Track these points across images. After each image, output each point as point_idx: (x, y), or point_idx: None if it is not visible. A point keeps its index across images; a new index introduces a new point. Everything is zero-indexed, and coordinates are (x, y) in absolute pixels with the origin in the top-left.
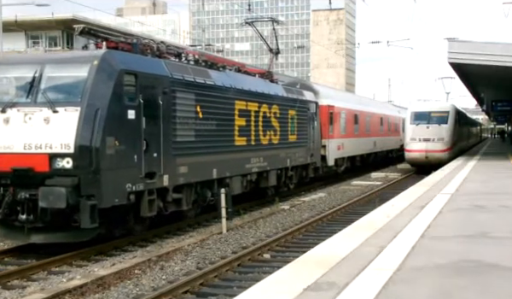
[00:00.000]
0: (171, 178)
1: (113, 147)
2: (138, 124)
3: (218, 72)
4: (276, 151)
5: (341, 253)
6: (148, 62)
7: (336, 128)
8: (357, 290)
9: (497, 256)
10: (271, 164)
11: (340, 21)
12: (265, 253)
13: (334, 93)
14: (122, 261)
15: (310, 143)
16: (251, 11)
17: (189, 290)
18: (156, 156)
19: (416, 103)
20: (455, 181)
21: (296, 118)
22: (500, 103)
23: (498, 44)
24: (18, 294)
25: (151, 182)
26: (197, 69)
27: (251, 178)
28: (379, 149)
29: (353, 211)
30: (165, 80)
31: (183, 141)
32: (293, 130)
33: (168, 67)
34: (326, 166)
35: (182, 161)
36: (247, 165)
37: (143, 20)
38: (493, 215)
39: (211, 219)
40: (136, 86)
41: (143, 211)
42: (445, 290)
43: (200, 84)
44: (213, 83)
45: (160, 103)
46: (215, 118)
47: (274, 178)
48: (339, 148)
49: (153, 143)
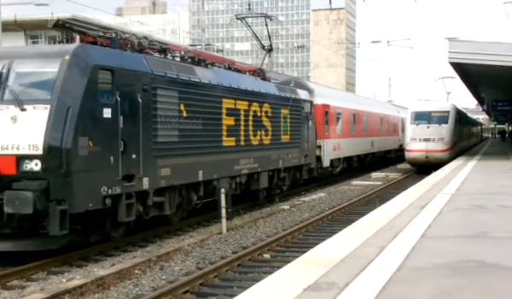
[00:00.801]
0: (151, 180)
1: (86, 148)
2: (115, 123)
3: (205, 69)
4: (267, 152)
5: (341, 253)
6: (126, 58)
7: (332, 128)
8: (357, 291)
9: (497, 256)
10: (262, 165)
11: (341, 21)
12: (265, 253)
13: (330, 92)
14: (122, 261)
15: (304, 143)
16: (251, 11)
17: (189, 290)
18: (135, 158)
19: (417, 103)
20: (455, 181)
21: (289, 117)
22: (500, 103)
23: (499, 44)
24: (18, 294)
25: (129, 185)
26: (181, 66)
27: (240, 180)
28: (377, 149)
29: (353, 211)
30: (145, 77)
31: (166, 141)
32: (286, 130)
33: (149, 63)
34: (321, 167)
35: (164, 163)
36: (235, 166)
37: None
38: (493, 215)
39: (211, 219)
40: (113, 83)
41: (121, 216)
42: (445, 290)
43: (184, 81)
44: (199, 80)
45: (140, 101)
46: (201, 117)
47: (265, 179)
48: (335, 148)
49: (131, 144)
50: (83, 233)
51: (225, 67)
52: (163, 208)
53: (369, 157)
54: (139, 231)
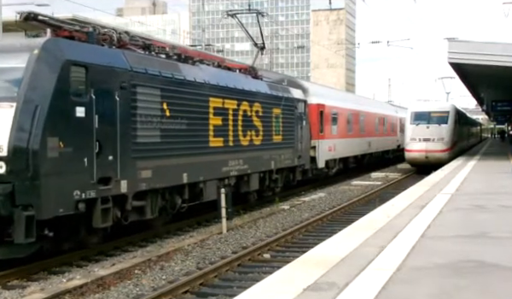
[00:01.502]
0: (130, 183)
1: (56, 149)
2: (89, 123)
3: (190, 66)
4: (258, 153)
5: (341, 253)
6: (102, 53)
7: (327, 128)
8: (357, 291)
9: (497, 256)
10: (253, 167)
11: (340, 21)
12: (265, 253)
13: (326, 91)
14: (122, 261)
15: (297, 143)
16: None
17: (189, 290)
18: (112, 159)
19: (416, 103)
20: (455, 181)
21: (281, 117)
22: (500, 103)
23: (498, 44)
24: (18, 294)
25: (105, 188)
26: (164, 62)
27: (229, 182)
28: (374, 149)
29: (353, 211)
30: (123, 73)
31: (146, 142)
32: (278, 130)
33: (128, 59)
34: (316, 168)
35: (144, 165)
36: (224, 168)
37: (143, 20)
38: (493, 215)
39: (211, 219)
40: (87, 80)
41: (96, 222)
42: (445, 290)
43: (167, 78)
44: (183, 77)
45: (117, 99)
46: (185, 116)
47: (256, 181)
48: (330, 149)
49: (107, 145)
50: (55, 240)
51: (214, 64)
52: (144, 213)
53: (367, 158)
54: (139, 231)
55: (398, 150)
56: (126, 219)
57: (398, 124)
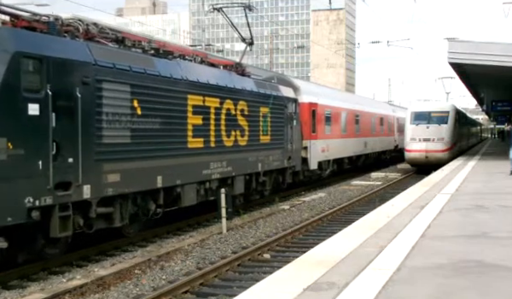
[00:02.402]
0: (94, 188)
1: (3, 151)
2: (44, 121)
3: (167, 61)
4: (243, 154)
5: (341, 253)
6: (61, 45)
7: (320, 128)
8: (357, 290)
9: (497, 256)
10: (237, 169)
11: (340, 21)
12: (265, 253)
13: (319, 90)
14: (122, 261)
15: (287, 144)
16: (253, 11)
17: (189, 290)
18: (72, 162)
19: (416, 103)
20: (455, 181)
21: (270, 116)
22: (500, 103)
23: (498, 44)
24: (18, 294)
25: (64, 194)
26: (135, 56)
27: (210, 185)
28: (370, 150)
29: (353, 211)
30: (85, 68)
31: (113, 143)
32: (266, 130)
33: (92, 52)
34: (308, 169)
35: (111, 168)
36: (204, 171)
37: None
38: (493, 215)
39: (211, 219)
40: (42, 74)
41: (53, 231)
42: (445, 290)
43: (138, 73)
44: (158, 73)
45: (79, 96)
46: (160, 115)
47: (241, 184)
48: (323, 150)
49: (67, 146)
50: (9, 252)
51: (196, 60)
52: (112, 220)
53: (363, 159)
54: (139, 231)
55: (395, 151)
56: (90, 227)
57: (395, 124)
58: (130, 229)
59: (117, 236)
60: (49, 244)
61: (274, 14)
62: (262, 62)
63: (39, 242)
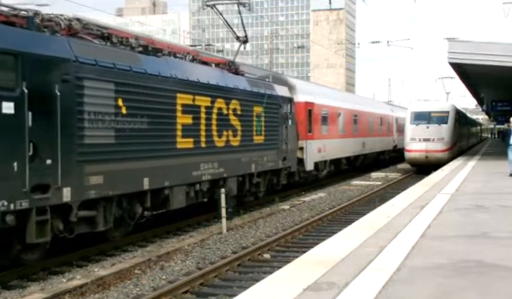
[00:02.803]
0: (75, 191)
1: None
2: (20, 121)
3: (154, 58)
4: (235, 155)
5: (341, 253)
6: (39, 40)
7: (316, 128)
8: (357, 290)
9: (497, 256)
10: (230, 170)
11: (340, 21)
12: (265, 253)
13: (315, 89)
14: (122, 261)
15: (282, 144)
16: (251, 11)
17: (189, 290)
18: (50, 163)
19: (416, 103)
20: (455, 181)
21: (264, 116)
22: (500, 103)
23: (498, 44)
24: (18, 294)
25: (42, 197)
26: (120, 53)
27: (201, 187)
28: (369, 150)
29: (353, 211)
30: (65, 64)
31: (96, 143)
32: (260, 130)
33: (73, 48)
34: (304, 170)
35: (94, 170)
36: (194, 172)
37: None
38: (493, 215)
39: (211, 219)
40: (17, 70)
41: (30, 236)
42: (445, 290)
43: (123, 71)
44: (144, 71)
45: (58, 94)
46: (146, 114)
47: (234, 186)
48: (320, 150)
49: (45, 147)
50: None
51: (188, 58)
52: (95, 224)
53: (361, 159)
54: (139, 231)
55: (394, 151)
56: (71, 232)
57: (394, 124)
58: (116, 233)
59: None
60: (26, 250)
61: (274, 14)
62: (262, 62)
63: (15, 247)
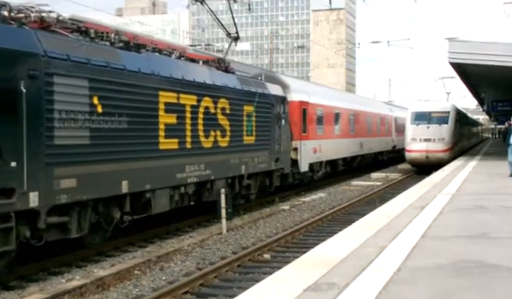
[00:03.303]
0: (44, 195)
1: None
2: None
3: (135, 54)
4: (224, 156)
5: (341, 253)
6: (3, 33)
7: (311, 128)
8: (357, 291)
9: (497, 257)
10: (218, 172)
11: (340, 21)
12: (265, 253)
13: (310, 88)
14: (122, 262)
15: (274, 145)
16: (251, 11)
17: (189, 290)
18: (15, 166)
19: (417, 103)
20: (455, 181)
21: (255, 115)
22: (501, 103)
23: (499, 44)
24: (17, 294)
25: (5, 203)
26: (95, 47)
27: (187, 190)
28: (367, 151)
29: (353, 211)
30: (32, 59)
31: (68, 145)
32: (251, 130)
33: (42, 42)
34: (298, 172)
35: (65, 172)
36: (179, 174)
37: (143, 21)
38: (494, 216)
39: (211, 219)
40: None
41: None
42: (446, 291)
43: (98, 67)
44: (123, 67)
45: (23, 91)
46: (125, 113)
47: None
48: (315, 150)
49: (8, 148)
50: None
51: (175, 55)
52: (68, 230)
53: (358, 160)
54: (139, 231)
55: (393, 151)
56: (41, 239)
57: (393, 124)
58: (93, 240)
59: (116, 236)
60: None
61: (274, 14)
62: (262, 62)
63: None
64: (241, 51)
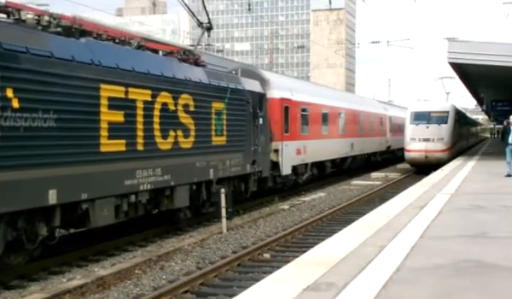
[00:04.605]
0: None
1: None
2: None
3: (69, 39)
4: (187, 159)
5: (341, 253)
6: None
7: (295, 127)
8: (356, 291)
9: (496, 256)
10: (179, 177)
11: (340, 21)
12: (265, 253)
13: (294, 84)
14: (122, 261)
15: (250, 146)
16: (251, 11)
17: (189, 289)
18: None
19: (416, 103)
20: (454, 181)
21: (226, 113)
22: (500, 103)
23: (498, 44)
24: (18, 294)
25: None
26: (12, 29)
27: (139, 198)
28: (358, 152)
29: (353, 211)
30: None
31: None
32: (221, 129)
33: None
34: (280, 175)
35: None
36: (127, 181)
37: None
38: (493, 215)
39: (211, 218)
40: None
41: None
42: (445, 291)
43: (13, 53)
44: (49, 54)
45: None
46: (53, 109)
47: (185, 196)
48: (299, 152)
49: None
50: None
51: (124, 42)
52: None
53: (349, 161)
54: (139, 231)
55: (386, 152)
56: None
57: (387, 123)
58: (14, 259)
59: (117, 236)
60: None
61: (274, 14)
62: (262, 62)
63: None
64: (241, 51)
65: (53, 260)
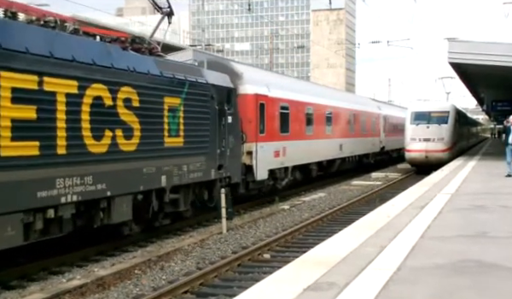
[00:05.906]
0: None
1: None
2: None
3: None
4: (130, 164)
5: (341, 253)
6: None
7: (272, 127)
8: (357, 290)
9: (496, 256)
10: (118, 186)
11: (340, 21)
12: (265, 253)
13: (272, 78)
14: (122, 262)
15: (215, 148)
16: (251, 11)
17: (189, 290)
18: None
19: (417, 103)
20: (455, 181)
21: (182, 110)
22: (500, 103)
23: (499, 44)
24: (18, 294)
25: None
26: None
27: (60, 213)
28: (348, 153)
29: (353, 211)
30: None
31: None
32: (176, 129)
33: None
34: (254, 180)
35: None
36: (42, 192)
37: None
38: (493, 215)
39: (211, 219)
40: None
41: None
42: (445, 290)
43: None
44: None
45: None
46: None
47: (126, 208)
48: (277, 154)
49: None
50: None
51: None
52: None
53: (337, 164)
54: (140, 230)
55: (380, 154)
56: None
57: (381, 122)
58: None
59: (117, 236)
60: None
61: (274, 14)
62: (262, 62)
63: None
64: (241, 51)
65: (53, 260)
